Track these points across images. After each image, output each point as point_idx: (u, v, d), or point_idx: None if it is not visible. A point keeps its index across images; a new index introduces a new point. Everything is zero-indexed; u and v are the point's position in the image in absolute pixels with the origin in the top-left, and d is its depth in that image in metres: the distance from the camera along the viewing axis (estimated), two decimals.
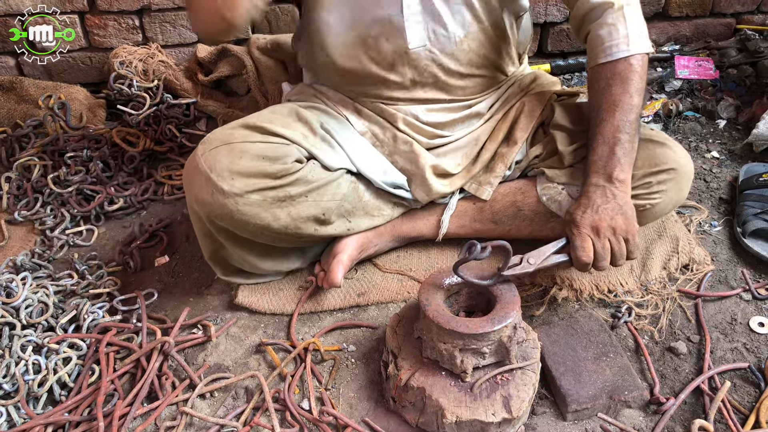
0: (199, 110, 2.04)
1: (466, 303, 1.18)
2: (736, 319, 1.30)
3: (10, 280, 1.33)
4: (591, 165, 1.23)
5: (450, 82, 1.35)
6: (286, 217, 1.22)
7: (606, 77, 1.23)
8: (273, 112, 1.33)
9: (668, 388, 1.17)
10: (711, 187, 1.71)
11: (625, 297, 1.35)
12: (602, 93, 1.24)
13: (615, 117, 1.21)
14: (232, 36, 1.97)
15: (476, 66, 1.35)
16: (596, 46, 1.25)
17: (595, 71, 1.26)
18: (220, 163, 1.16)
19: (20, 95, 1.98)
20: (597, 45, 1.25)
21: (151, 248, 1.57)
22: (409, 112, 1.37)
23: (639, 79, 1.22)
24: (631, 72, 1.22)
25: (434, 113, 1.38)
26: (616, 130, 1.20)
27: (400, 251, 1.48)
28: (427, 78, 1.33)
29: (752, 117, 1.95)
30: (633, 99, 1.21)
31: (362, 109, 1.40)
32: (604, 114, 1.22)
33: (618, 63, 1.22)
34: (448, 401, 1.03)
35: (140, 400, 1.13)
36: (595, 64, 1.26)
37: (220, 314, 1.35)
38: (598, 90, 1.25)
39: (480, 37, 1.32)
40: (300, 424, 1.09)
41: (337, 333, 1.31)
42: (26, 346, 1.22)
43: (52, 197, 1.69)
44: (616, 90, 1.22)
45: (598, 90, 1.25)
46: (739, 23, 2.40)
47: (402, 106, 1.37)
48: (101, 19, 2.04)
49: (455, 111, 1.39)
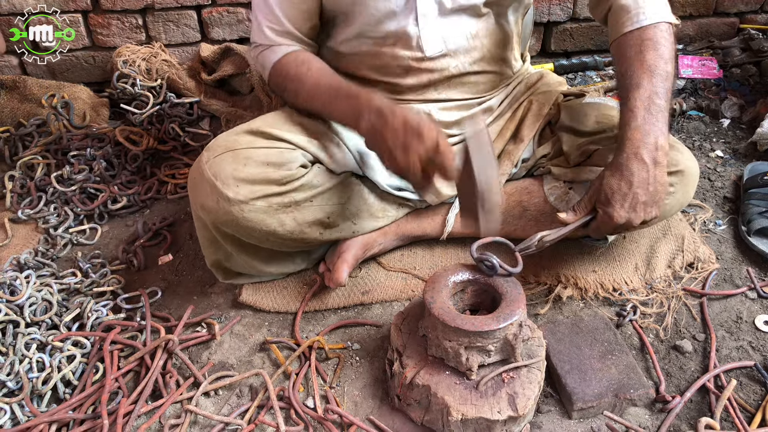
0: (202, 109, 2.04)
1: (471, 301, 1.17)
2: (741, 317, 1.29)
3: (14, 278, 1.32)
4: (631, 130, 1.13)
5: (463, 80, 1.35)
6: (291, 222, 1.22)
7: (637, 43, 1.18)
8: (278, 116, 1.33)
9: (674, 387, 1.16)
10: (715, 186, 1.70)
11: (630, 295, 1.34)
12: (635, 59, 1.17)
13: (652, 82, 1.14)
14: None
15: (487, 62, 1.35)
16: (622, 15, 1.21)
17: (623, 40, 1.21)
18: (224, 170, 1.16)
19: (23, 94, 1.98)
20: (623, 14, 1.21)
21: (155, 247, 1.57)
22: (421, 112, 1.37)
23: (671, 46, 1.18)
24: (662, 38, 1.17)
25: (446, 111, 1.38)
26: (654, 95, 1.14)
27: (404, 250, 1.48)
28: (441, 79, 1.33)
29: (756, 116, 1.95)
30: (668, 66, 1.16)
31: None
32: (639, 79, 1.15)
33: (648, 29, 1.18)
34: (454, 399, 1.02)
35: (144, 398, 1.12)
36: (622, 33, 1.21)
37: (224, 312, 1.35)
38: (629, 57, 1.18)
39: (490, 34, 1.32)
40: (304, 422, 1.09)
41: (341, 331, 1.30)
42: (30, 344, 1.22)
43: (56, 196, 1.69)
44: (649, 55, 1.16)
45: (629, 57, 1.18)
46: (742, 23, 2.39)
47: (414, 106, 1.37)
48: (104, 18, 2.05)
49: (466, 108, 1.39)
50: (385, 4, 1.23)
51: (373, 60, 1.31)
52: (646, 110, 1.13)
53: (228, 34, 2.15)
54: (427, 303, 1.06)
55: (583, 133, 1.35)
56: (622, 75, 1.20)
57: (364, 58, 1.33)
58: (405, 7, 1.23)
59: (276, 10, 1.26)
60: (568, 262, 1.42)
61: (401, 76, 1.32)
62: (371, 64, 1.32)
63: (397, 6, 1.23)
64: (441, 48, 1.28)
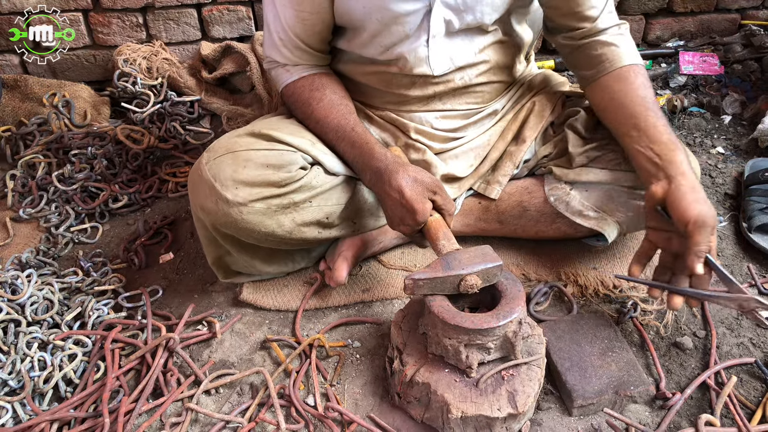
0: (203, 107, 2.04)
1: (470, 298, 1.17)
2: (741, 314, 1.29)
3: (16, 278, 1.33)
4: (671, 144, 1.15)
5: (468, 90, 1.35)
6: (290, 223, 1.22)
7: (640, 74, 1.25)
8: (280, 119, 1.33)
9: (674, 383, 1.16)
10: (716, 182, 1.70)
11: (630, 292, 1.34)
12: (641, 87, 1.23)
13: (657, 106, 1.21)
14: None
15: (493, 72, 1.36)
16: (619, 52, 1.26)
17: (625, 71, 1.25)
18: (224, 172, 1.16)
19: (25, 93, 1.99)
20: (620, 51, 1.26)
21: (156, 245, 1.57)
22: (423, 120, 1.37)
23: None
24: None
25: (448, 120, 1.38)
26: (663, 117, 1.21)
27: (404, 248, 1.48)
28: (446, 91, 1.34)
29: (757, 112, 1.94)
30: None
31: (373, 117, 1.40)
32: (650, 104, 1.21)
33: (638, 66, 1.27)
34: (454, 397, 1.02)
35: (145, 396, 1.13)
36: (619, 66, 1.26)
37: (224, 311, 1.35)
38: (636, 86, 1.23)
39: (497, 47, 1.32)
40: (305, 419, 1.09)
41: (341, 329, 1.31)
42: (32, 342, 1.22)
43: (57, 195, 1.69)
44: (648, 86, 1.24)
45: (636, 86, 1.23)
46: (744, 19, 2.38)
47: (416, 115, 1.37)
48: (105, 17, 2.05)
49: (469, 116, 1.40)
50: (400, 29, 1.23)
51: (379, 76, 1.32)
52: (669, 129, 1.18)
53: (228, 32, 2.15)
54: (427, 301, 1.06)
55: (588, 138, 1.36)
56: (627, 101, 1.23)
57: (370, 77, 1.34)
58: (417, 29, 1.23)
59: (289, 32, 1.26)
60: (568, 259, 1.42)
61: (407, 88, 1.33)
62: (378, 78, 1.33)
63: (411, 30, 1.23)
64: (449, 66, 1.29)
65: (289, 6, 1.23)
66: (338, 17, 1.24)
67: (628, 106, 1.22)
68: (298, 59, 1.31)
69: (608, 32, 1.27)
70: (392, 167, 1.17)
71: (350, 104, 1.31)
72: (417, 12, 1.21)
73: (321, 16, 1.23)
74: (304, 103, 1.30)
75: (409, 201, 1.14)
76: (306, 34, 1.26)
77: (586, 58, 1.30)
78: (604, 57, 1.27)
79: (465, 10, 1.23)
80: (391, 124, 1.39)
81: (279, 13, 1.25)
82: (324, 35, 1.29)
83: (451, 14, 1.23)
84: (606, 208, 1.30)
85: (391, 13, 1.20)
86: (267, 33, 1.32)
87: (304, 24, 1.24)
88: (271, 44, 1.31)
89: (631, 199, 1.29)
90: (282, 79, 1.34)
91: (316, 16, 1.23)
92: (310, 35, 1.27)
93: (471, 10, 1.23)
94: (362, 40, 1.27)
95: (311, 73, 1.32)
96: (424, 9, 1.21)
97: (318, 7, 1.22)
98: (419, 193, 1.15)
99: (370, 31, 1.24)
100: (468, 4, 1.22)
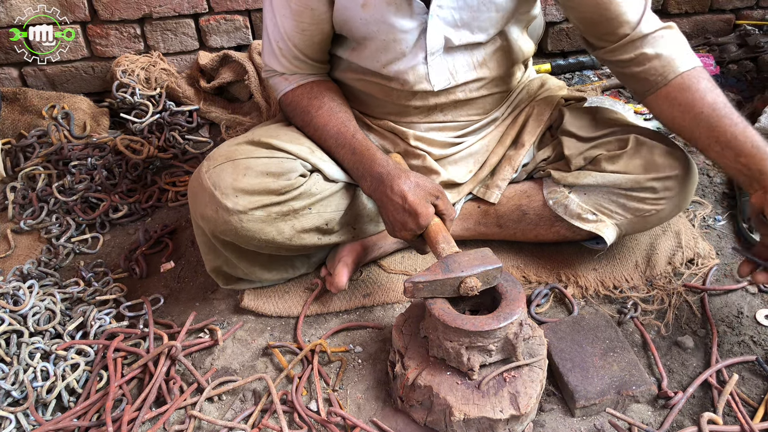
0: (201, 117, 2.05)
1: (471, 301, 1.18)
2: (742, 312, 1.29)
3: (17, 289, 1.33)
4: (756, 152, 1.10)
5: (469, 102, 1.36)
6: (290, 230, 1.23)
7: (701, 78, 1.17)
8: (279, 126, 1.34)
9: (676, 383, 1.17)
10: (714, 182, 1.71)
11: (630, 293, 1.35)
12: (707, 92, 1.15)
13: (730, 107, 1.15)
14: None
15: (495, 84, 1.36)
16: (668, 61, 1.18)
17: (683, 79, 1.17)
18: (224, 180, 1.16)
19: (24, 106, 1.99)
20: (670, 59, 1.18)
21: (157, 254, 1.57)
22: (424, 130, 1.38)
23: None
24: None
25: (448, 132, 1.39)
26: (740, 117, 1.15)
27: (404, 252, 1.48)
28: (447, 103, 1.34)
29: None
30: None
31: (372, 125, 1.41)
32: (721, 109, 1.14)
33: (696, 69, 1.19)
34: (456, 399, 1.03)
35: (148, 404, 1.13)
36: (673, 76, 1.18)
37: (226, 318, 1.36)
38: (701, 93, 1.16)
39: (496, 58, 1.33)
40: (308, 425, 1.10)
41: (343, 334, 1.31)
42: (34, 353, 1.22)
43: (57, 206, 1.70)
44: (713, 88, 1.17)
45: (701, 93, 1.16)
46: (738, 19, 2.40)
47: (416, 125, 1.38)
48: (103, 29, 2.06)
49: (471, 125, 1.40)
50: (397, 47, 1.23)
51: (380, 87, 1.33)
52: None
53: (226, 42, 2.16)
54: (428, 304, 1.07)
55: (586, 138, 1.36)
56: (703, 105, 1.16)
57: (370, 86, 1.34)
58: (414, 46, 1.24)
59: (288, 43, 1.27)
60: (568, 260, 1.42)
61: (408, 99, 1.33)
62: (378, 89, 1.34)
63: (407, 48, 1.24)
64: (449, 81, 1.30)
65: (290, 17, 1.23)
66: (338, 28, 1.25)
67: (699, 119, 1.15)
68: (297, 69, 1.32)
69: (650, 40, 1.19)
70: (394, 173, 1.18)
71: (350, 111, 1.32)
72: (413, 30, 1.21)
73: (320, 26, 1.24)
74: (303, 111, 1.30)
75: (412, 205, 1.14)
76: (305, 44, 1.27)
77: (634, 75, 1.22)
78: (653, 71, 1.19)
79: (463, 26, 1.23)
80: (391, 132, 1.40)
81: (279, 23, 1.25)
82: (323, 46, 1.30)
83: (450, 30, 1.23)
84: (604, 210, 1.31)
85: (388, 26, 1.20)
86: (266, 42, 1.32)
87: (303, 35, 1.25)
88: (270, 53, 1.32)
89: (630, 201, 1.29)
90: (280, 88, 1.34)
91: (316, 27, 1.24)
92: (309, 45, 1.28)
93: (469, 26, 1.23)
94: (362, 53, 1.27)
95: (310, 81, 1.32)
96: (420, 27, 1.21)
97: (318, 18, 1.23)
98: (422, 197, 1.16)
99: (369, 44, 1.25)
100: (466, 20, 1.22)
